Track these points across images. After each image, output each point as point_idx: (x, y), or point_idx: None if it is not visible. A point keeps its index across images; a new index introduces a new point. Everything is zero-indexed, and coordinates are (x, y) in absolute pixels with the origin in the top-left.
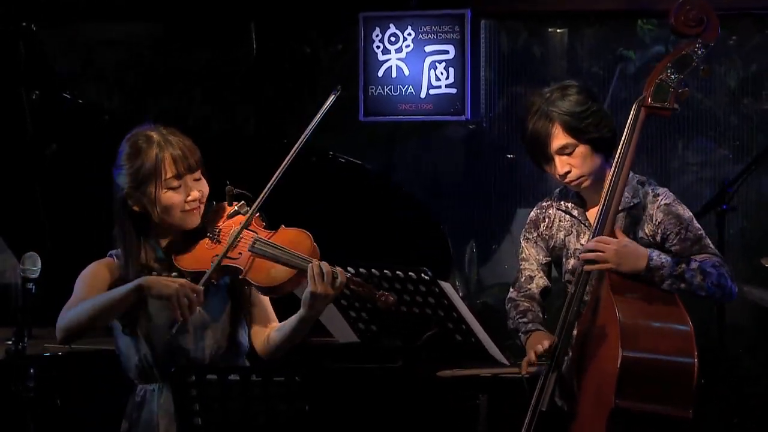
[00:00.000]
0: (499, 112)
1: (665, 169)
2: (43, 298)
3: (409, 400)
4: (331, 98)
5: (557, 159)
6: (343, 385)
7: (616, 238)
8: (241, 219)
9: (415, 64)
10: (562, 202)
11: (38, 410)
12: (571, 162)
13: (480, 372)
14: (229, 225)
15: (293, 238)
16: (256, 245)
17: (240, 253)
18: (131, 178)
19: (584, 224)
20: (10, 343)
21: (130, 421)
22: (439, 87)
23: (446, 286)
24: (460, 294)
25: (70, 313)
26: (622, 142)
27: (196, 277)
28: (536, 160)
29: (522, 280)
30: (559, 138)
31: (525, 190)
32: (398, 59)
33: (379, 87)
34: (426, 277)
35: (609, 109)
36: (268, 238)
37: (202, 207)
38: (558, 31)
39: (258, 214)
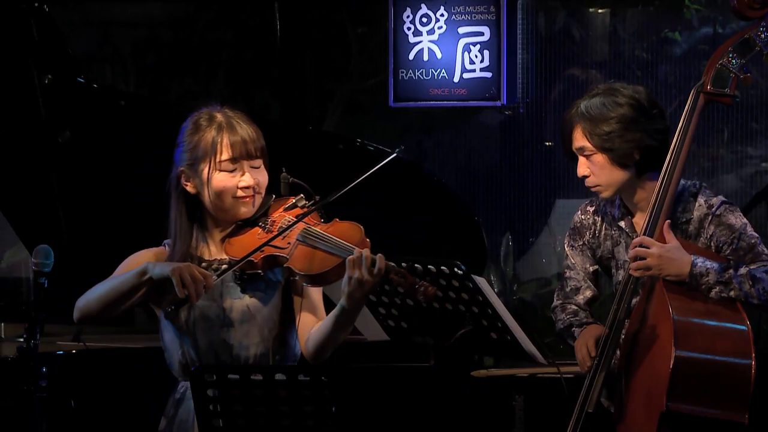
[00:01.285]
0: (536, 98)
1: (721, 161)
2: (57, 294)
3: (441, 401)
4: (392, 156)
5: (579, 159)
6: (372, 386)
7: (665, 241)
8: (297, 212)
9: (448, 46)
10: (607, 209)
11: (51, 410)
12: (589, 167)
13: (516, 372)
14: (283, 216)
15: (344, 230)
16: (304, 234)
17: (288, 243)
18: (188, 155)
19: (632, 236)
20: (21, 340)
21: (168, 419)
22: (474, 71)
23: (481, 281)
24: (495, 289)
25: (87, 294)
26: (678, 130)
27: (243, 266)
28: (567, 154)
29: (568, 290)
30: (578, 138)
31: (564, 179)
32: (430, 41)
33: (410, 71)
34: (459, 272)
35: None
36: (320, 229)
37: (258, 198)
38: (599, 11)
39: (312, 208)
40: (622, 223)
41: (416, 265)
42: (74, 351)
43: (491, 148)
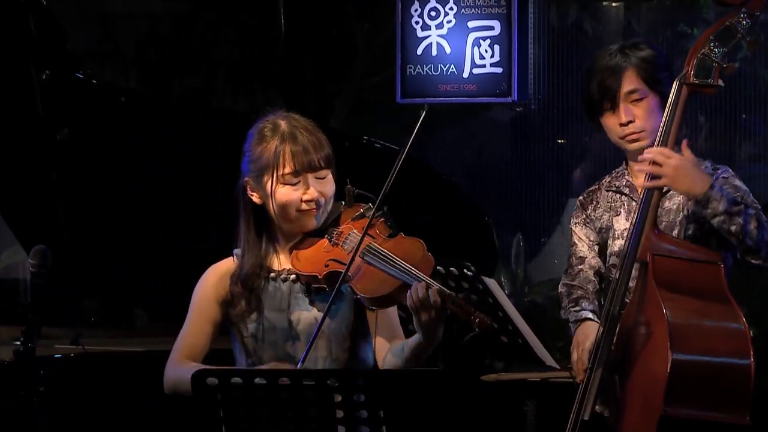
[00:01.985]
0: (548, 94)
1: (733, 154)
2: (55, 295)
3: (450, 405)
4: (422, 114)
5: (623, 106)
6: (379, 389)
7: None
8: (364, 222)
9: (457, 41)
10: (613, 183)
11: (49, 416)
12: (636, 112)
13: (527, 376)
14: (349, 228)
15: (407, 247)
16: (367, 252)
17: (356, 259)
18: (252, 166)
19: (636, 201)
20: (18, 343)
21: None
22: (484, 66)
23: (491, 283)
24: (506, 291)
25: (168, 373)
26: (663, 122)
27: (308, 280)
28: (596, 108)
29: (574, 262)
30: (632, 81)
31: (576, 178)
32: (439, 36)
33: (418, 66)
34: (469, 273)
35: None
36: (383, 246)
37: (324, 209)
38: (613, 5)
39: (382, 219)
40: (626, 189)
41: None
42: (73, 355)
43: (502, 145)
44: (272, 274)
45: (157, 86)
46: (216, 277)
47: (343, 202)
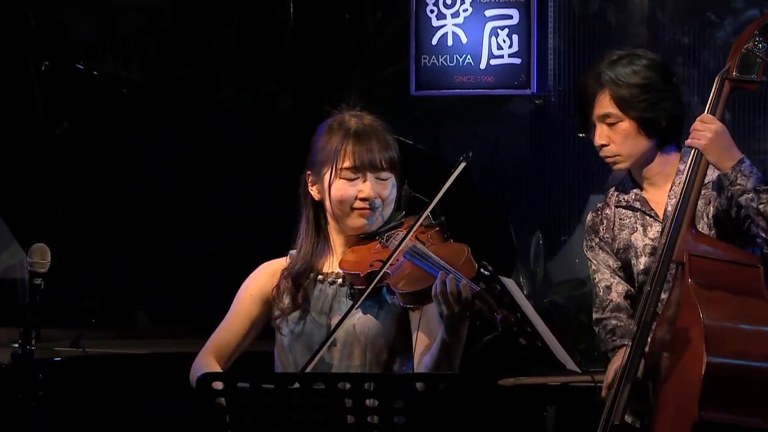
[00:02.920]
0: (569, 86)
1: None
2: (54, 295)
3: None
4: (461, 165)
5: (598, 127)
6: (392, 395)
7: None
8: (420, 230)
9: (473, 30)
10: (621, 198)
11: (48, 421)
12: (611, 135)
13: (547, 380)
14: (402, 233)
15: (450, 251)
16: (410, 252)
17: (397, 260)
18: (315, 158)
19: (650, 215)
20: (16, 346)
21: None
22: (501, 57)
23: (509, 283)
24: (525, 292)
25: (193, 365)
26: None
27: (351, 279)
28: (580, 123)
29: (601, 294)
30: (604, 105)
31: (598, 173)
32: (455, 25)
33: (433, 57)
34: (486, 273)
35: (696, 83)
36: (430, 248)
37: (381, 213)
38: None
39: (437, 228)
40: (637, 203)
41: None
42: (73, 358)
43: (520, 139)
44: (320, 277)
45: (160, 78)
46: (266, 273)
47: (404, 212)
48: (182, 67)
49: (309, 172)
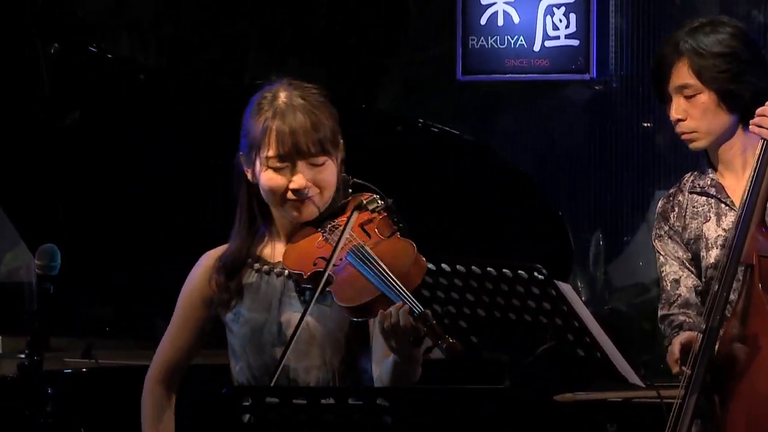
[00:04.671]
0: (632, 70)
1: None
2: (66, 301)
3: (518, 429)
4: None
5: (674, 100)
6: (437, 411)
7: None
8: (366, 216)
9: (526, 9)
10: (696, 183)
11: None
12: (688, 109)
13: (607, 396)
14: (345, 221)
15: (396, 250)
16: (352, 254)
17: (341, 259)
18: (245, 141)
19: (725, 202)
20: (23, 356)
21: None
22: (557, 38)
23: (565, 288)
24: (583, 298)
25: (142, 397)
26: None
27: (296, 278)
28: (657, 95)
29: (668, 288)
30: (681, 75)
31: (665, 166)
32: (506, 3)
33: (482, 39)
34: (540, 277)
35: None
36: (373, 247)
37: (317, 200)
38: None
39: (384, 213)
40: (712, 190)
41: (489, 268)
42: (84, 369)
43: (578, 129)
44: (265, 267)
45: (181, 61)
46: (203, 269)
47: (351, 190)
48: (205, 51)
49: (241, 154)
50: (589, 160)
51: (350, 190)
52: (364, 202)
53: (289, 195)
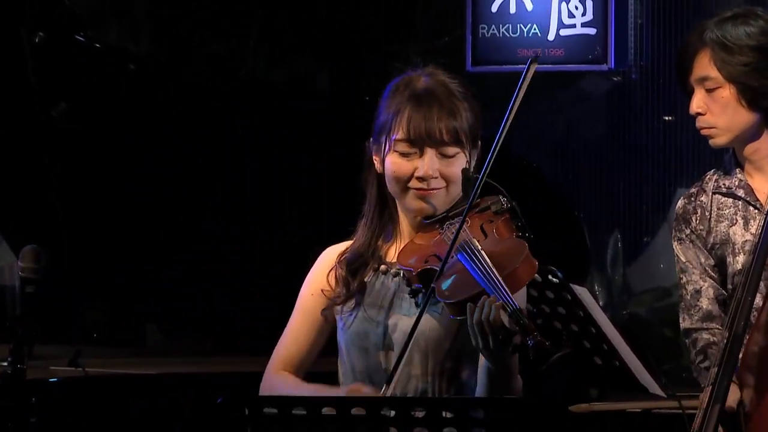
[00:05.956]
0: (652, 60)
1: None
2: (52, 306)
3: None
4: (533, 68)
5: (696, 92)
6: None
7: None
8: (487, 217)
9: None
10: (721, 182)
11: None
12: (709, 103)
13: (626, 406)
14: (467, 223)
15: (506, 249)
16: (461, 250)
17: (452, 257)
18: (377, 122)
19: (753, 205)
20: (5, 364)
21: None
22: (573, 26)
23: (582, 292)
24: (601, 302)
25: (263, 390)
26: None
27: (408, 276)
28: (681, 86)
29: (688, 298)
30: (702, 66)
31: (688, 163)
32: None
33: (493, 27)
34: (555, 280)
35: None
36: (485, 245)
37: (442, 194)
38: None
39: (506, 215)
40: (740, 192)
41: None
42: (71, 378)
43: (595, 123)
44: (383, 267)
45: (174, 51)
46: (326, 262)
47: (478, 191)
48: (200, 40)
49: (372, 139)
50: (606, 156)
51: (477, 191)
52: (489, 203)
53: (413, 183)
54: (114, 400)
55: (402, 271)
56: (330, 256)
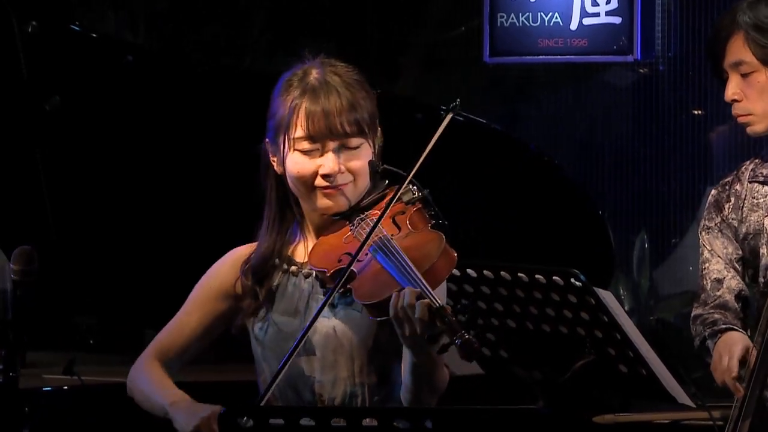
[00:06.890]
0: (680, 51)
1: None
2: (45, 311)
3: None
4: (448, 118)
5: (730, 78)
6: None
7: None
8: (398, 208)
9: None
10: (759, 171)
11: None
12: (744, 89)
13: (653, 417)
14: (376, 215)
15: (423, 243)
16: (377, 248)
17: (366, 255)
18: (271, 123)
19: None
20: None
21: None
22: (597, 15)
23: (606, 296)
24: (626, 307)
25: (131, 373)
26: None
27: (322, 277)
28: (713, 72)
29: (707, 288)
30: (737, 50)
31: (717, 159)
32: None
33: (512, 16)
34: (577, 283)
35: None
36: (399, 240)
37: (353, 189)
38: None
39: (418, 205)
40: None
41: (520, 273)
42: (66, 387)
43: (620, 117)
44: (293, 268)
45: (173, 41)
46: (231, 263)
47: (387, 181)
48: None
49: (267, 141)
50: (632, 151)
51: (386, 182)
52: (399, 193)
53: (318, 181)
54: (111, 409)
55: (315, 272)
56: (234, 258)
